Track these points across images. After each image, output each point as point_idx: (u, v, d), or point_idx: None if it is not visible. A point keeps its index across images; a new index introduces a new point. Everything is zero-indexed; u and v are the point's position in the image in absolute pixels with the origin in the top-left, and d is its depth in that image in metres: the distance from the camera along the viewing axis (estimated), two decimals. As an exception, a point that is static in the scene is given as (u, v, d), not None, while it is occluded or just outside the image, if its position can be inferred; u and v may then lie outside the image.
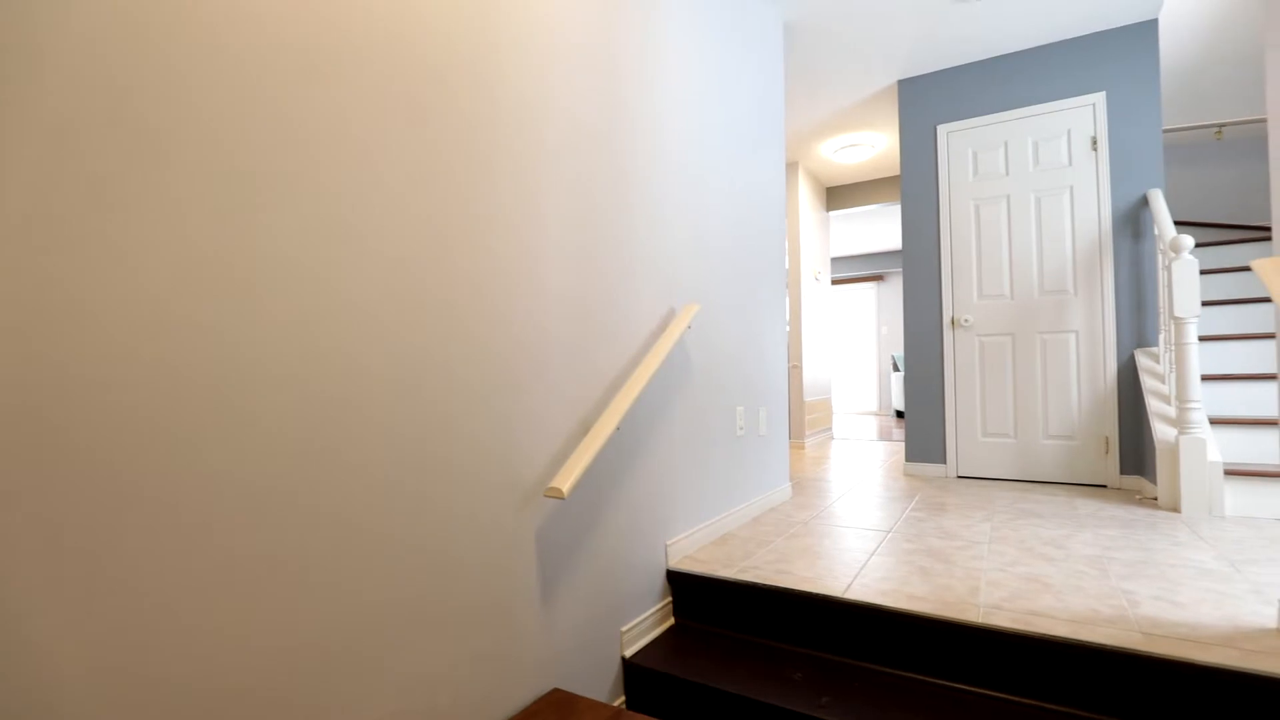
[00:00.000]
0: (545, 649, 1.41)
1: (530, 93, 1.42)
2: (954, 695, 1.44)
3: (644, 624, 1.77)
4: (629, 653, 1.69)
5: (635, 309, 1.81)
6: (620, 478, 1.72)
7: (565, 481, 1.32)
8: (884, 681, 1.51)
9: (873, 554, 2.00)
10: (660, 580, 1.88)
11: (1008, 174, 3.45)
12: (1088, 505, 2.72)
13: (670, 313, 1.99)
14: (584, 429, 1.56)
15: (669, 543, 1.93)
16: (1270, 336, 2.97)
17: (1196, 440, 2.47)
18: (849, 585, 1.71)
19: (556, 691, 1.40)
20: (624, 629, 1.69)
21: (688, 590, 1.88)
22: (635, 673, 1.65)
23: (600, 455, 1.64)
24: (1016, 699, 1.41)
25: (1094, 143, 3.24)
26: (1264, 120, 4.25)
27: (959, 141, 3.59)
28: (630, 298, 1.79)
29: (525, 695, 1.34)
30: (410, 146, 1.13)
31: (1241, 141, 4.62)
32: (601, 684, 1.60)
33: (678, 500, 2.01)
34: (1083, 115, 3.28)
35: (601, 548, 1.62)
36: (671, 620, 1.91)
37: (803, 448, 4.91)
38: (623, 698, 1.67)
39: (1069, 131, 3.31)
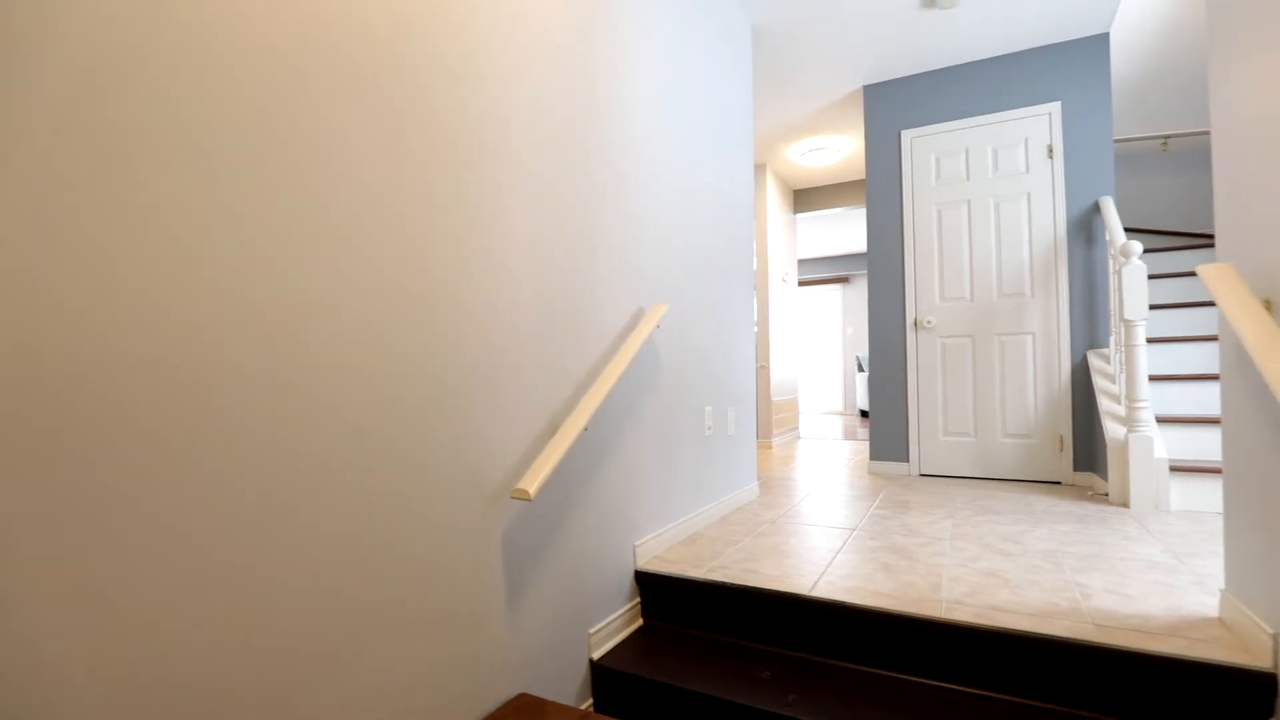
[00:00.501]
0: (512, 652, 1.38)
1: (501, 92, 1.40)
2: (918, 689, 1.46)
3: (612, 625, 1.75)
4: (597, 655, 1.67)
5: (605, 308, 1.80)
6: (588, 478, 1.70)
7: (532, 483, 1.30)
8: (850, 678, 1.52)
9: (838, 552, 2.03)
10: (629, 581, 1.87)
11: (969, 179, 3.54)
12: (1043, 502, 2.80)
13: (639, 312, 1.98)
14: (552, 428, 1.54)
15: (637, 543, 1.92)
16: (1214, 339, 3.11)
17: (1144, 438, 2.57)
18: (815, 583, 1.73)
19: (523, 696, 1.38)
20: (592, 631, 1.67)
21: (656, 591, 1.87)
22: (603, 675, 1.63)
23: (568, 455, 1.62)
24: (978, 691, 1.44)
25: (1050, 151, 3.35)
26: (1207, 133, 4.45)
27: (922, 147, 3.66)
28: (600, 297, 1.77)
29: (492, 700, 1.32)
30: (386, 145, 1.12)
31: (1187, 153, 4.82)
32: (569, 687, 1.58)
33: (646, 500, 2.00)
34: (1039, 124, 3.38)
35: (569, 549, 1.60)
36: (640, 621, 1.90)
37: (770, 447, 4.96)
38: (590, 700, 1.65)
39: (1026, 139, 3.41)
